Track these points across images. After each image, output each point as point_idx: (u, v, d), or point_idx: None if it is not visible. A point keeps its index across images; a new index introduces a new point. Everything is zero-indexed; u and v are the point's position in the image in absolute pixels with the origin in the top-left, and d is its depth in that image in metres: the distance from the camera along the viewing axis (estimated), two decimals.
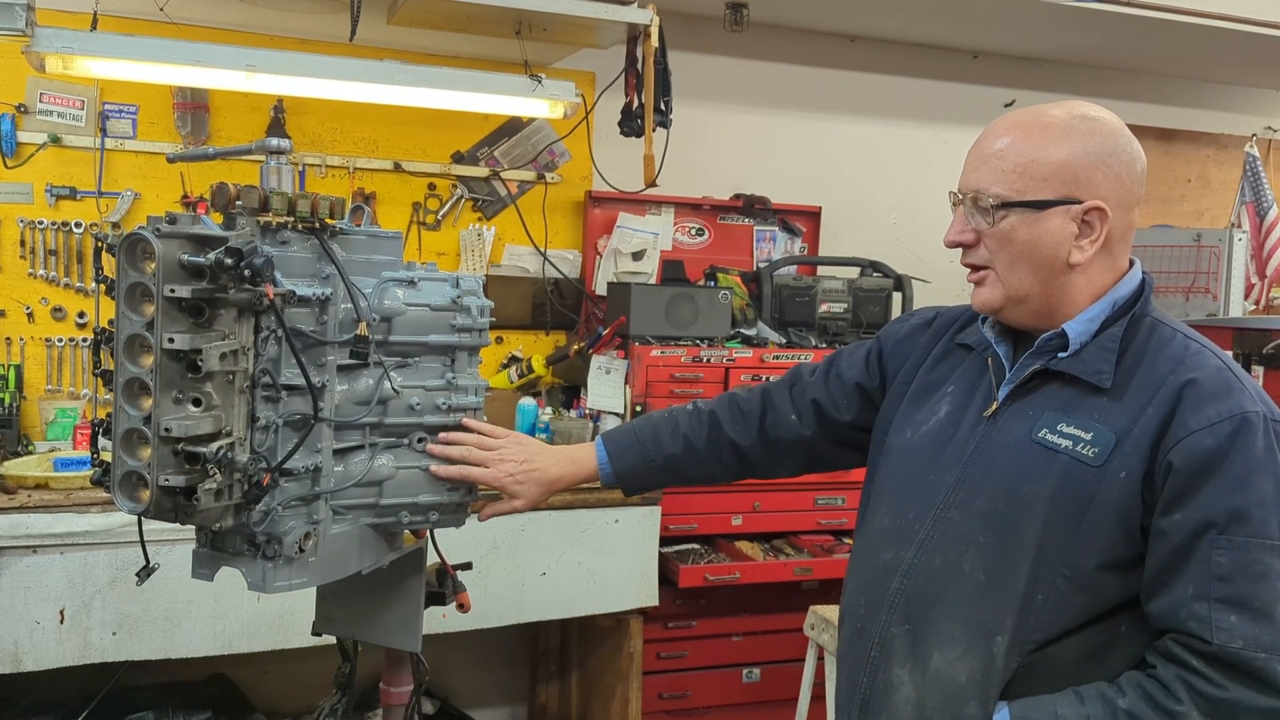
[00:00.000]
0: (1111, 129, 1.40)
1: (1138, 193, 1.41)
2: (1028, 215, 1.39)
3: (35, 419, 3.34)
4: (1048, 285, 1.41)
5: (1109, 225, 1.38)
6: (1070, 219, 1.38)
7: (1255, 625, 1.25)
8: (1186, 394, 1.32)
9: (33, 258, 3.34)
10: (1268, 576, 1.26)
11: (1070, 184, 1.37)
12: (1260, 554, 1.26)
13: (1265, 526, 1.26)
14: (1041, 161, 1.38)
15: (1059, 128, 1.39)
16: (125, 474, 1.58)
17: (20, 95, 3.29)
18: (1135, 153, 1.41)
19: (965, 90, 4.74)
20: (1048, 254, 1.39)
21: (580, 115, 3.69)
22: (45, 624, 2.68)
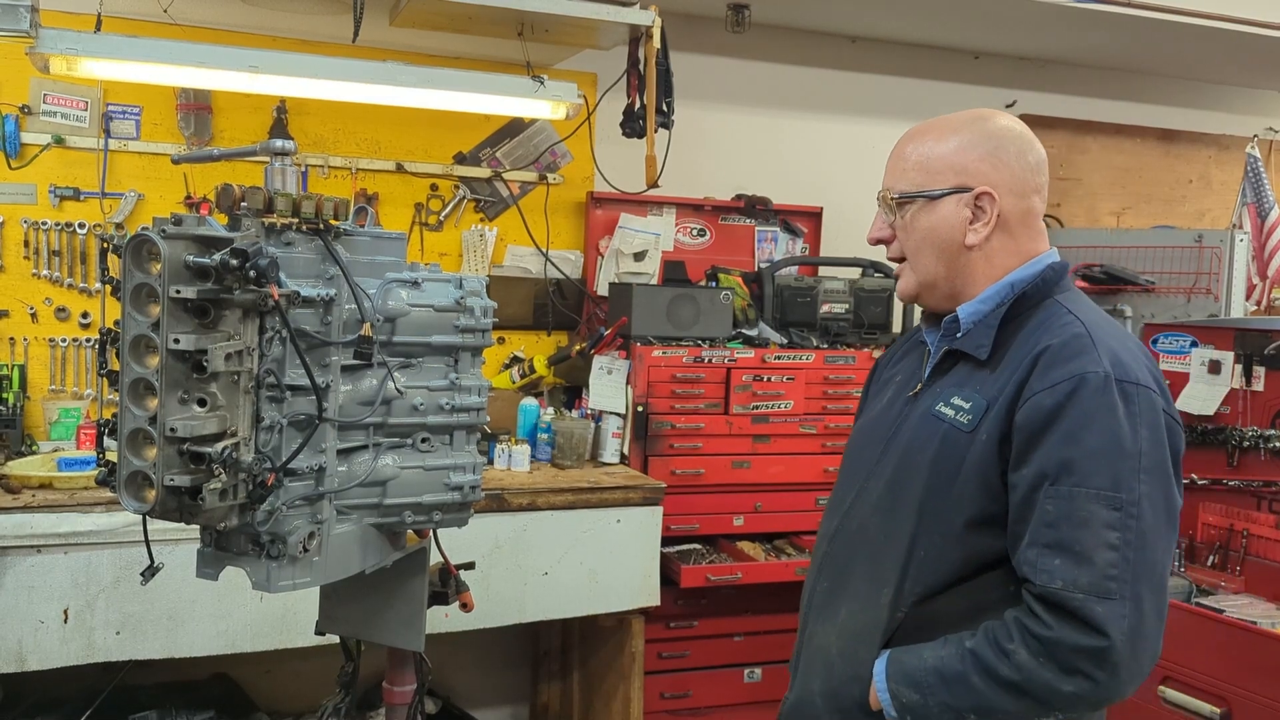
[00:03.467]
0: (1001, 125, 1.54)
1: (1032, 180, 1.53)
2: (926, 205, 1.53)
3: (39, 419, 3.35)
4: (951, 268, 1.54)
5: (999, 208, 1.50)
6: (963, 205, 1.51)
7: (1076, 568, 1.33)
8: (1041, 360, 1.42)
9: (36, 258, 3.35)
10: (1090, 523, 1.33)
11: (961, 174, 1.51)
12: (1084, 502, 1.34)
13: (1090, 477, 1.35)
14: (935, 157, 1.53)
15: (951, 127, 1.55)
16: (131, 474, 1.59)
17: (24, 96, 3.30)
18: (1026, 146, 1.54)
19: (967, 91, 4.74)
20: (945, 237, 1.53)
21: (582, 116, 3.69)
22: (49, 623, 2.69)
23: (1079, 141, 4.95)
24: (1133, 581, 1.33)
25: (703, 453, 3.54)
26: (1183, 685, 2.91)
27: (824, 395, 3.73)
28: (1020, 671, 1.34)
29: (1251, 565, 3.34)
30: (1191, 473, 3.56)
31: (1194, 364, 3.56)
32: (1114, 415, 1.36)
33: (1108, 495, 1.34)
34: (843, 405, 3.74)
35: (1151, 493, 1.36)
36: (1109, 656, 1.31)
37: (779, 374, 3.66)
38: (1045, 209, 1.58)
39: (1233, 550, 3.39)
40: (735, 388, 3.59)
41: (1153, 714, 2.98)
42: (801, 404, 3.69)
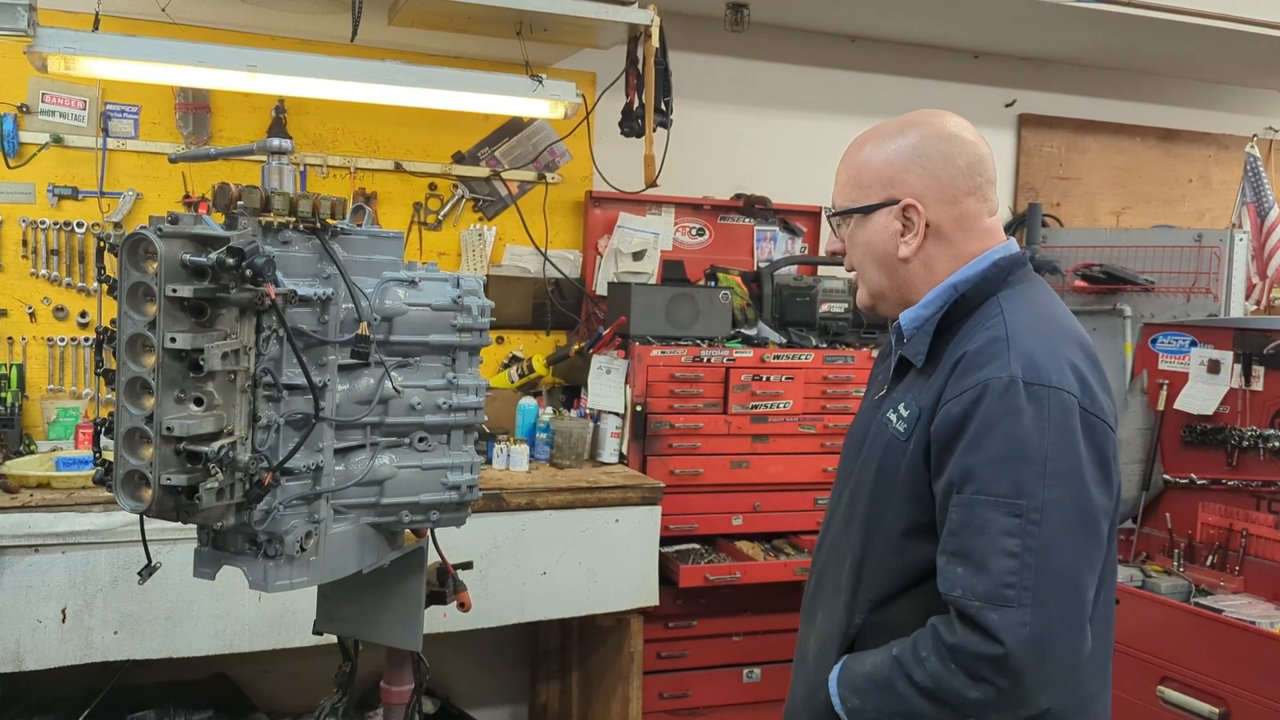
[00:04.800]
0: (927, 132, 1.52)
1: (963, 184, 1.50)
2: (861, 219, 1.55)
3: (37, 418, 3.35)
4: (893, 279, 1.55)
5: (926, 218, 1.50)
6: (893, 218, 1.51)
7: (974, 575, 1.33)
8: (957, 367, 1.42)
9: (35, 257, 3.35)
10: (987, 530, 1.33)
11: (888, 186, 1.51)
12: (982, 509, 1.33)
13: (989, 484, 1.34)
14: (865, 170, 1.54)
15: (879, 138, 1.55)
16: (128, 473, 1.59)
17: (22, 95, 3.30)
18: (955, 150, 1.50)
19: (966, 90, 4.74)
20: (880, 250, 1.53)
21: (581, 115, 3.69)
22: (47, 623, 2.68)
23: (1079, 141, 4.95)
24: (1034, 589, 1.30)
25: (701, 452, 3.54)
26: (1181, 685, 2.91)
27: (823, 395, 3.72)
28: (933, 679, 1.36)
29: (1251, 565, 3.34)
30: (1191, 472, 3.56)
31: (1193, 363, 3.57)
32: (1018, 420, 1.34)
33: (1006, 502, 1.32)
34: (842, 405, 3.74)
35: (1059, 497, 1.33)
36: (1007, 664, 1.30)
37: (778, 374, 3.65)
38: (992, 205, 1.55)
39: (1232, 550, 3.39)
40: (734, 387, 3.59)
41: (1152, 714, 2.97)
42: (800, 404, 3.68)
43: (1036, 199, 4.75)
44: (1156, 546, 3.63)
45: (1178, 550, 3.52)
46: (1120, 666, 3.11)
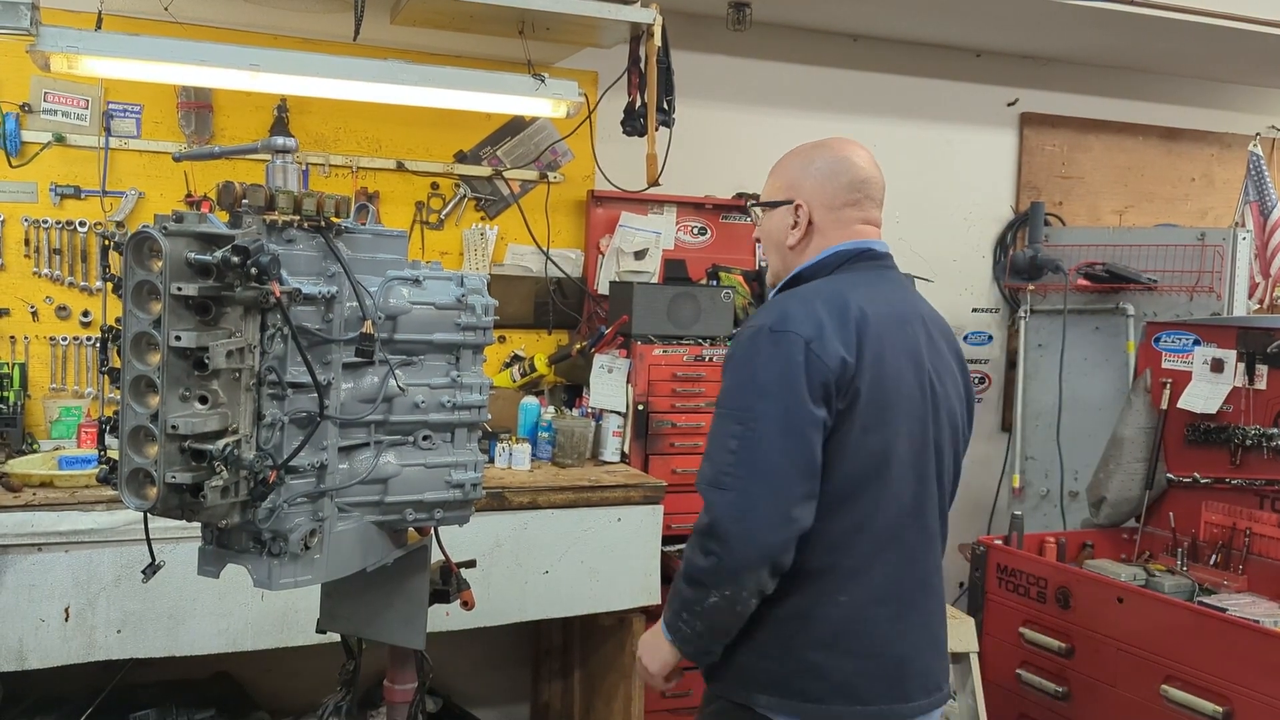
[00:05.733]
0: (829, 155, 1.91)
1: (843, 197, 1.88)
2: (768, 211, 1.96)
3: (40, 417, 3.35)
4: (783, 262, 1.95)
5: (809, 217, 1.89)
6: (788, 213, 1.91)
7: (707, 466, 1.75)
8: None
9: (37, 256, 3.35)
10: (720, 434, 1.74)
11: (788, 189, 1.92)
12: (721, 419, 1.75)
13: (727, 400, 1.75)
14: (776, 175, 1.97)
15: (794, 154, 1.96)
16: (132, 471, 1.59)
17: (25, 94, 3.30)
18: (842, 169, 1.89)
19: (968, 89, 4.74)
20: (776, 238, 1.94)
21: (583, 115, 3.69)
22: (50, 622, 2.68)
23: (1081, 140, 4.95)
24: (745, 477, 1.67)
25: (703, 451, 3.53)
26: (1185, 684, 2.91)
27: None
28: (686, 561, 1.73)
29: (1254, 564, 3.34)
30: (1194, 471, 3.56)
31: (1196, 362, 3.56)
32: (755, 356, 1.73)
33: (735, 413, 1.72)
34: None
35: (773, 409, 1.68)
36: (715, 530, 1.67)
37: None
38: (867, 216, 1.91)
39: (1235, 549, 3.39)
40: None
41: (1156, 713, 2.97)
42: None
43: (1039, 198, 4.74)
44: (1160, 546, 3.63)
45: (1181, 549, 3.52)
46: (1124, 665, 3.12)
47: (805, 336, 1.70)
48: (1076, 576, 3.31)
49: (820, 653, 1.73)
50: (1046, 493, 4.43)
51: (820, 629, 1.73)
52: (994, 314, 4.88)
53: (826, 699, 1.72)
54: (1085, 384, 4.33)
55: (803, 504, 1.67)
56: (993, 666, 3.41)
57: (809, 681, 1.72)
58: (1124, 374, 4.19)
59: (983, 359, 4.88)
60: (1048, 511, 4.40)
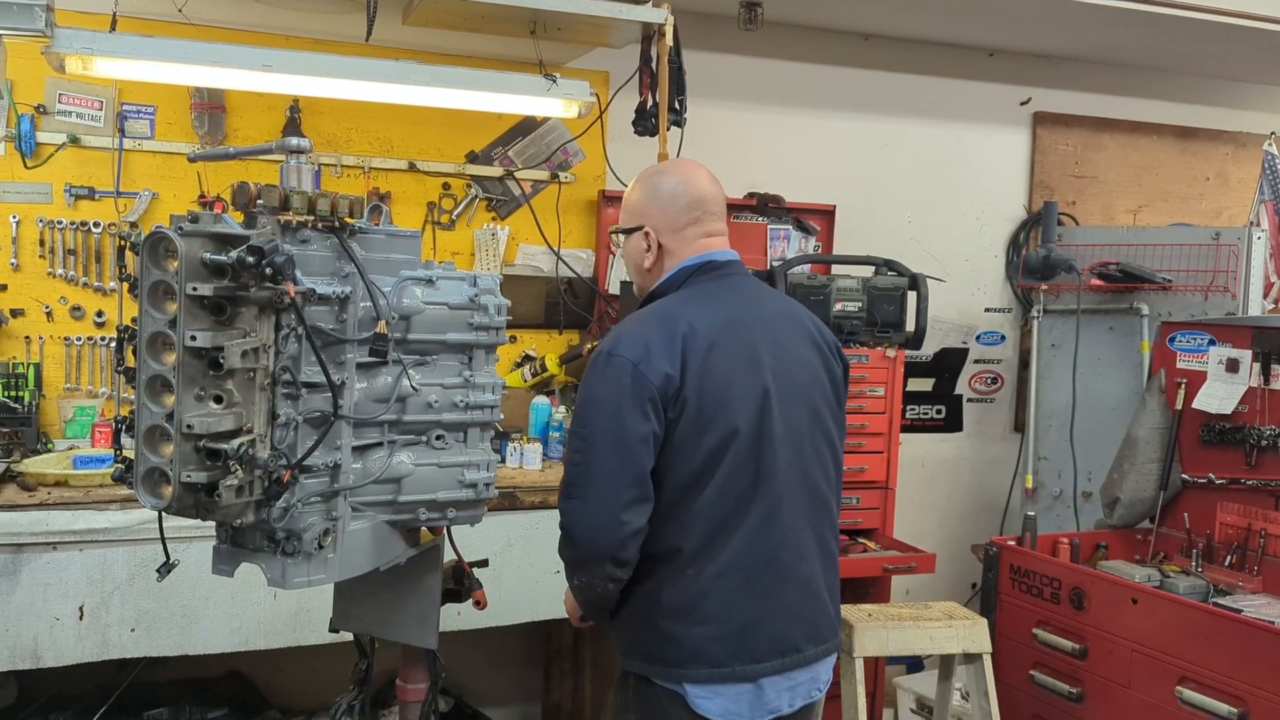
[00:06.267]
0: (667, 180, 2.10)
1: (684, 217, 2.06)
2: (626, 238, 2.13)
3: (54, 417, 3.36)
4: (644, 280, 2.13)
5: (656, 240, 2.07)
6: (641, 238, 2.09)
7: (562, 479, 1.93)
8: None
9: (52, 257, 3.37)
10: (569, 449, 1.93)
11: (638, 216, 2.10)
12: (571, 436, 1.93)
13: (575, 418, 1.94)
14: (628, 204, 2.14)
15: (639, 182, 2.14)
16: (148, 470, 1.60)
17: (40, 96, 3.32)
18: (680, 193, 2.07)
19: (981, 89, 4.72)
20: (635, 261, 2.13)
21: (594, 114, 3.69)
22: (65, 620, 2.69)
23: (1095, 139, 4.93)
24: (583, 485, 1.88)
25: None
26: (1200, 686, 2.89)
27: None
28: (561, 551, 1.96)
29: (1270, 565, 3.32)
30: (1209, 472, 3.55)
31: (1211, 362, 3.55)
32: (593, 378, 1.92)
33: (578, 431, 1.91)
34: (856, 404, 3.73)
35: (606, 426, 1.88)
36: (567, 533, 1.92)
37: None
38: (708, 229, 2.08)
39: (1250, 550, 3.37)
40: None
41: (1170, 714, 2.96)
42: None
43: (1052, 197, 4.73)
44: (1175, 546, 3.61)
45: (1196, 550, 3.50)
46: (1138, 666, 3.10)
47: (633, 359, 1.89)
48: (1090, 577, 3.30)
49: (671, 623, 1.94)
50: (1060, 493, 4.42)
51: (670, 603, 1.94)
52: (1007, 314, 4.87)
53: (684, 663, 1.94)
54: (1099, 384, 4.31)
55: (632, 508, 1.88)
56: (1006, 667, 3.39)
57: (667, 648, 1.95)
58: (1138, 374, 4.17)
59: (995, 359, 4.86)
60: (1061, 512, 4.38)
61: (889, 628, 2.99)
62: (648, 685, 1.97)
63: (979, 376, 4.85)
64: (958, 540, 4.71)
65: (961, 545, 4.67)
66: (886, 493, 3.84)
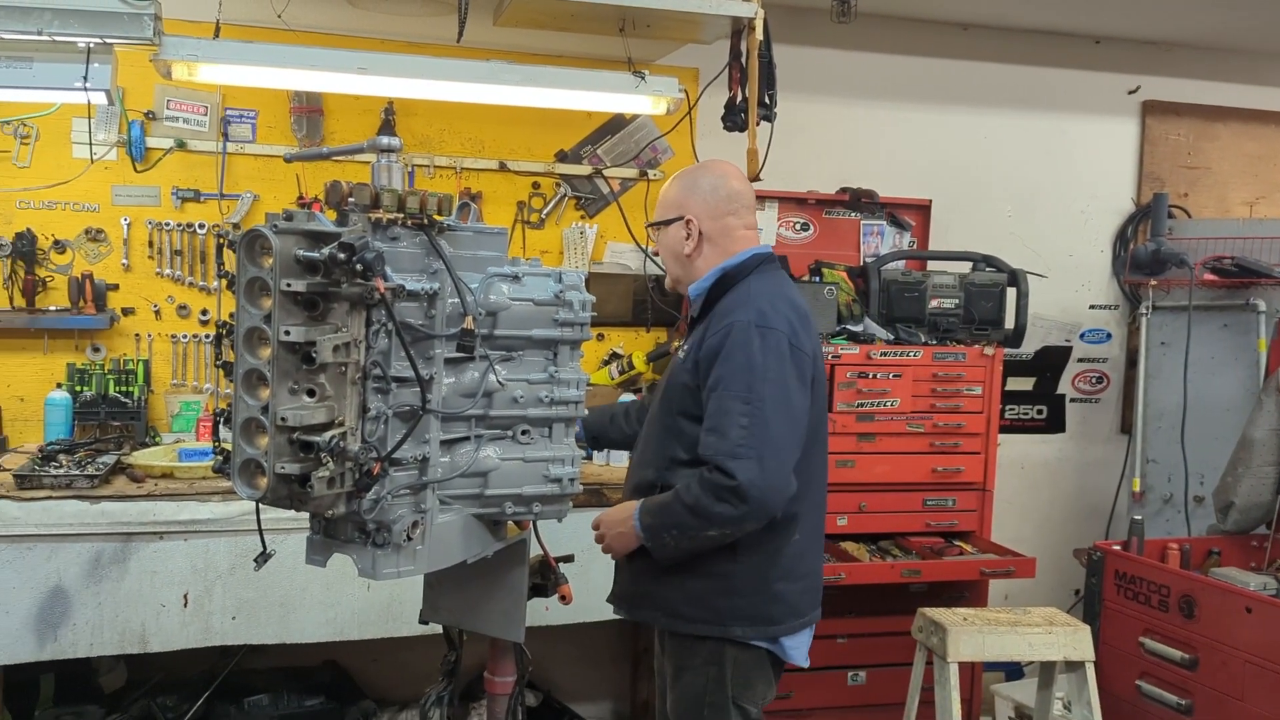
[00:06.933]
0: (702, 172, 2.31)
1: (724, 208, 2.26)
2: (663, 229, 2.31)
3: (161, 411, 3.50)
4: (683, 268, 2.30)
5: (699, 229, 2.25)
6: (680, 228, 2.27)
7: (720, 441, 2.06)
8: (714, 316, 2.19)
9: (160, 258, 3.50)
10: (729, 413, 2.06)
11: (677, 208, 2.29)
12: (726, 401, 2.07)
13: (731, 385, 2.07)
14: (666, 198, 2.33)
15: (677, 179, 2.33)
16: (244, 462, 1.64)
17: (149, 103, 3.45)
18: (720, 184, 2.28)
19: (1086, 78, 4.56)
20: (674, 250, 2.30)
21: (683, 111, 3.66)
22: (170, 607, 2.79)
23: (1208, 129, 4.71)
24: (756, 446, 2.03)
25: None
26: None
27: (932, 393, 3.63)
28: (693, 496, 2.06)
29: None
30: None
31: None
32: (750, 347, 2.08)
33: (741, 395, 2.05)
34: (952, 404, 3.64)
35: (772, 393, 2.06)
36: (738, 491, 2.01)
37: (885, 371, 3.57)
38: (747, 222, 2.29)
39: None
40: (839, 385, 3.52)
41: None
42: (909, 402, 3.60)
43: (1162, 189, 4.53)
44: None
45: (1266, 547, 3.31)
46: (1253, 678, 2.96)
47: (785, 331, 2.12)
48: (1201, 585, 3.15)
49: (785, 583, 2.19)
50: (1170, 497, 4.24)
51: (786, 564, 2.19)
52: (1113, 311, 4.69)
53: (784, 618, 2.19)
54: (1212, 383, 4.12)
55: (793, 471, 2.09)
56: (1110, 677, 3.27)
57: (774, 607, 2.18)
58: (1254, 373, 3.98)
59: (1101, 358, 4.69)
60: (1171, 517, 4.21)
61: (985, 632, 2.91)
62: (744, 649, 2.16)
63: (1083, 376, 4.69)
64: (1060, 545, 4.55)
65: (1064, 550, 4.51)
66: (984, 495, 3.73)
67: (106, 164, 3.43)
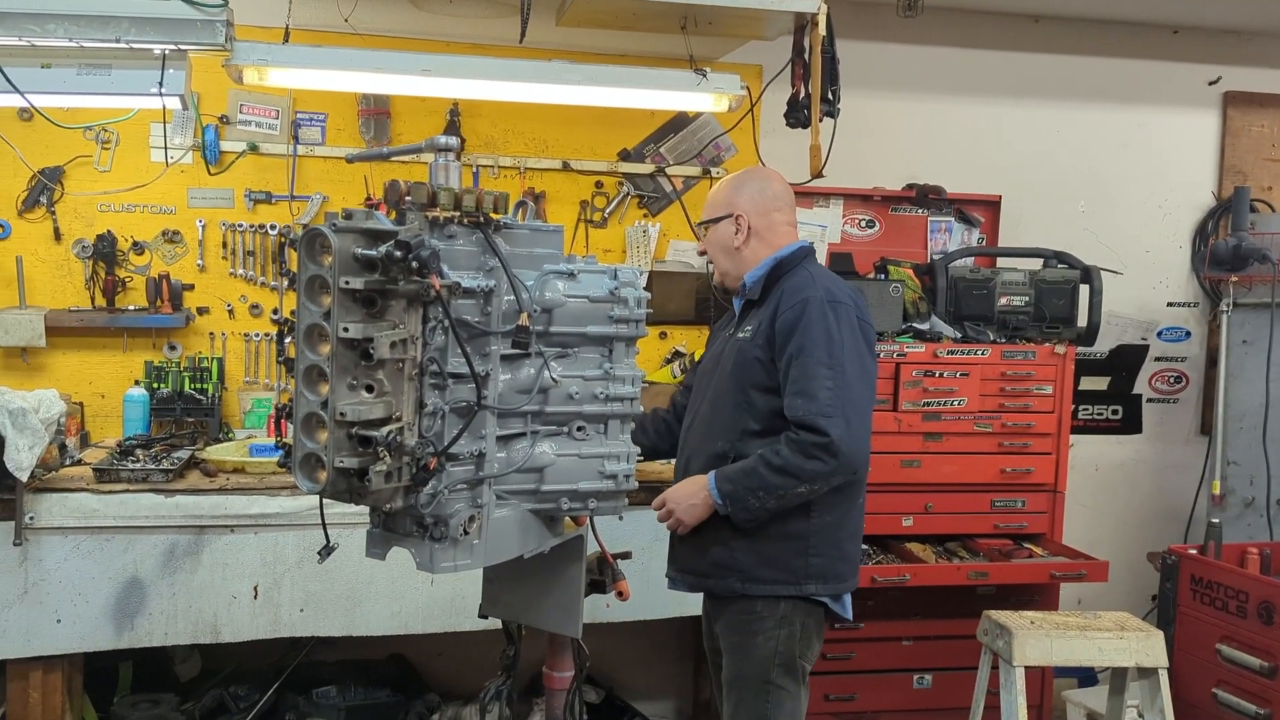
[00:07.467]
0: (751, 176, 2.57)
1: (771, 204, 2.50)
2: (713, 226, 2.53)
3: (234, 408, 3.59)
4: (732, 261, 2.51)
5: (748, 224, 2.48)
6: (730, 224, 2.49)
7: (809, 402, 2.26)
8: (784, 297, 2.39)
9: (233, 258, 3.59)
10: (815, 377, 2.27)
11: (726, 206, 2.51)
12: (811, 366, 2.28)
13: (813, 352, 2.28)
14: (715, 199, 2.55)
15: (726, 181, 2.57)
16: (305, 455, 1.67)
17: (223, 107, 3.55)
18: (766, 185, 2.53)
19: (1163, 69, 4.42)
20: (724, 244, 2.51)
21: (745, 108, 3.65)
22: (241, 599, 2.87)
23: None
24: (841, 406, 2.25)
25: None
26: None
27: (1001, 392, 3.56)
28: (782, 459, 2.26)
29: None
30: None
31: None
32: (826, 319, 2.30)
33: (824, 360, 2.27)
34: (1022, 403, 3.56)
35: (850, 359, 2.29)
36: (830, 447, 2.22)
37: (952, 369, 3.51)
38: (790, 219, 2.54)
39: None
40: (905, 383, 3.47)
41: None
42: (976, 401, 3.53)
43: (1244, 183, 4.38)
44: None
45: None
46: None
47: (852, 307, 2.35)
48: None
49: (852, 543, 2.43)
50: (1251, 501, 4.09)
51: (854, 525, 2.44)
52: (1192, 308, 4.55)
53: (848, 576, 2.41)
54: None
55: (870, 430, 2.33)
56: (1185, 684, 3.17)
57: (842, 566, 2.39)
58: None
59: (1179, 356, 4.55)
60: (1253, 521, 4.06)
61: (1053, 636, 2.84)
62: (812, 609, 2.37)
63: (1160, 375, 4.55)
64: (1136, 550, 4.42)
65: (1140, 555, 4.38)
66: (1055, 496, 3.65)
67: (182, 167, 3.53)
